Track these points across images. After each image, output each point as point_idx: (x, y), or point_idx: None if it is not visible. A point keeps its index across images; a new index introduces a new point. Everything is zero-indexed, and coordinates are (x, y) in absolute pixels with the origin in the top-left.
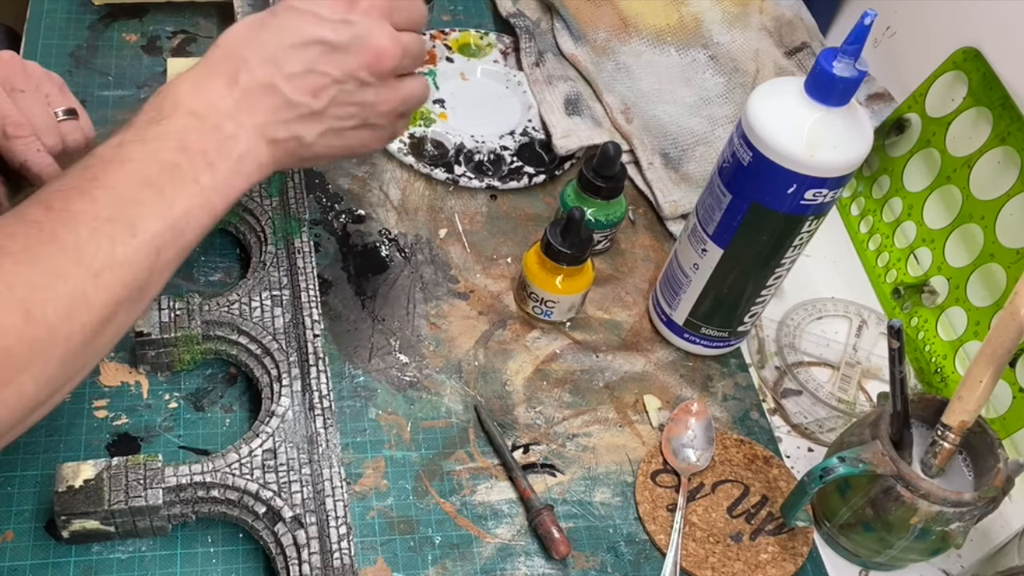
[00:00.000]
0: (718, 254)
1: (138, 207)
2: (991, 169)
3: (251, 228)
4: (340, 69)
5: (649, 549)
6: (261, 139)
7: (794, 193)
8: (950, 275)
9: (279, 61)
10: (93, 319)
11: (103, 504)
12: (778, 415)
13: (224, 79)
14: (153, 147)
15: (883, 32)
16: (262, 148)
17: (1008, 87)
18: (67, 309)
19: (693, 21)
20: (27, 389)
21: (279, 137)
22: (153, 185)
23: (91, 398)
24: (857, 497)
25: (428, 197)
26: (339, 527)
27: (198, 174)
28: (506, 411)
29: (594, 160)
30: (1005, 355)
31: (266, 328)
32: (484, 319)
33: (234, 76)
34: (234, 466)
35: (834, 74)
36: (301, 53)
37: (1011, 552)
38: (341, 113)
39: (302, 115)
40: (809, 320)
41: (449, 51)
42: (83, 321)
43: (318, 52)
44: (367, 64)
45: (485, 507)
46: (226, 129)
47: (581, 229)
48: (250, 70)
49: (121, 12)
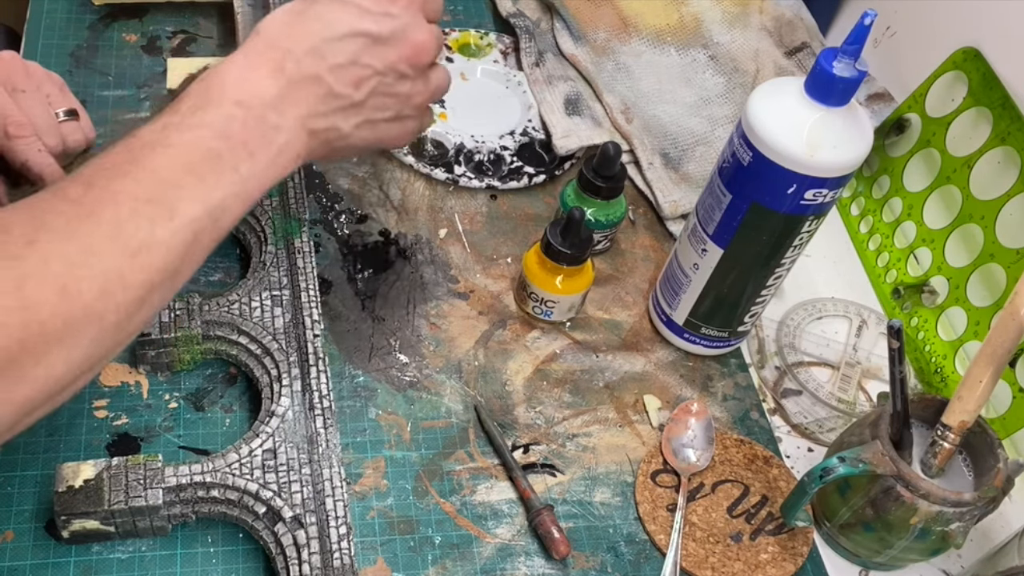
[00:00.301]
0: (718, 254)
1: (178, 191)
2: (991, 169)
3: (251, 228)
4: (382, 61)
5: (649, 549)
6: (302, 130)
7: (794, 193)
8: (950, 275)
9: (323, 52)
10: (128, 299)
11: (103, 504)
12: (778, 415)
13: (269, 68)
14: (197, 134)
15: (883, 32)
16: (302, 139)
17: (1008, 87)
18: (103, 287)
19: (693, 21)
20: (56, 368)
21: (319, 128)
22: (194, 171)
23: (91, 398)
24: (857, 497)
25: (428, 197)
26: (339, 527)
27: (238, 163)
28: (506, 411)
29: (594, 160)
30: (1005, 355)
31: (266, 328)
32: (484, 319)
33: (280, 66)
34: (234, 466)
35: (834, 74)
36: (345, 44)
37: (1011, 552)
38: (379, 104)
39: (342, 106)
40: (809, 320)
41: (449, 51)
42: (118, 301)
43: (362, 44)
44: (407, 57)
45: (485, 507)
46: (270, 120)
47: (581, 229)
48: (296, 60)
49: (121, 12)
